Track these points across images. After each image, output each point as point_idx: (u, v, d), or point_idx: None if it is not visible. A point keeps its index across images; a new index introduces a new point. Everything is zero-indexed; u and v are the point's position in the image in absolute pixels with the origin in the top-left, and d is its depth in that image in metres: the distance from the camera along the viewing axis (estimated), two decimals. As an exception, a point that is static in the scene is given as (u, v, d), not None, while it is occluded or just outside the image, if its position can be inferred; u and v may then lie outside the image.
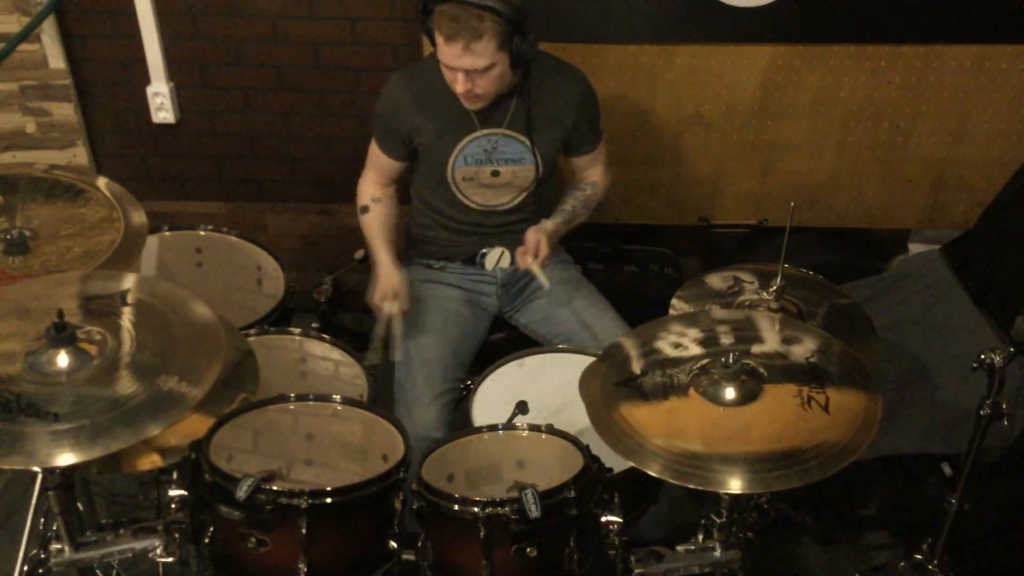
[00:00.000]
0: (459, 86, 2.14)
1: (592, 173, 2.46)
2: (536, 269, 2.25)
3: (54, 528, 1.75)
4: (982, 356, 1.88)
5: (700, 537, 1.81)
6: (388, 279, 2.27)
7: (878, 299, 2.70)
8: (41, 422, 1.51)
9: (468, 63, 2.08)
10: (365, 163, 2.43)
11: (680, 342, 1.86)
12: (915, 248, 3.17)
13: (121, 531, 1.76)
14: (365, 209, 2.40)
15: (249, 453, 1.87)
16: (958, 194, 2.98)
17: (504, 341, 2.47)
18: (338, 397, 1.92)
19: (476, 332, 2.43)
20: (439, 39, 2.08)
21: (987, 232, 2.84)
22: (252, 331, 2.20)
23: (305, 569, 1.66)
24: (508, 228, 2.41)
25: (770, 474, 1.59)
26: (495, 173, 2.31)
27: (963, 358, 2.07)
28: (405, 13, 2.84)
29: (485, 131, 2.27)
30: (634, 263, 3.06)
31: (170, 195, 3.17)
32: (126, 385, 1.59)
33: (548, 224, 2.32)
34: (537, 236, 2.25)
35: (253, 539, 1.66)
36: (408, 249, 2.53)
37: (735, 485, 1.59)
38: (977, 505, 2.11)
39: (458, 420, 2.21)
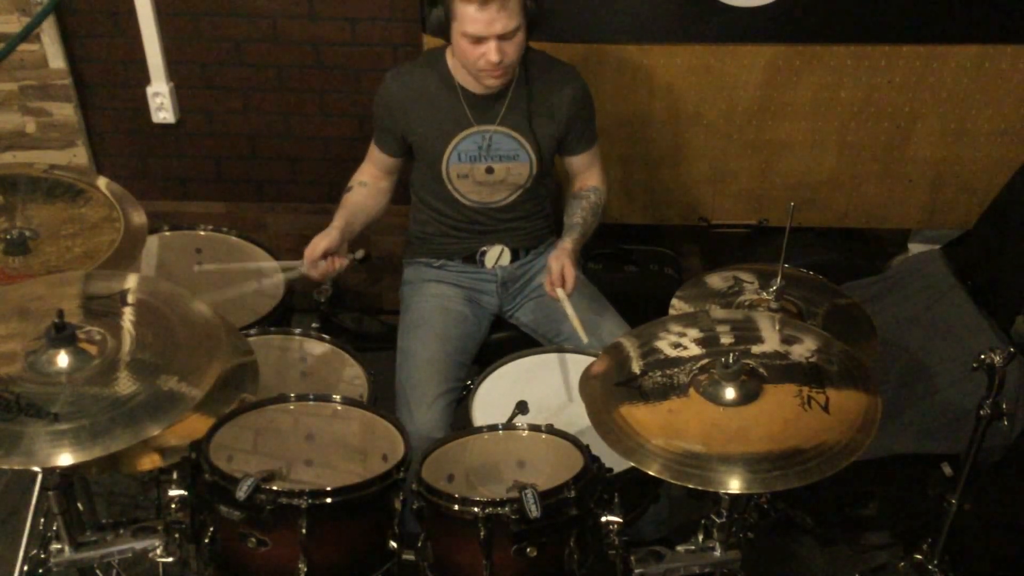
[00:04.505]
0: (492, 56, 2.08)
1: (590, 177, 2.45)
2: (569, 311, 2.16)
3: (54, 528, 1.75)
4: (982, 356, 1.87)
5: (700, 537, 1.81)
6: (322, 234, 2.20)
7: (878, 299, 2.70)
8: (41, 422, 1.51)
9: (502, 26, 2.05)
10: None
11: (680, 342, 1.86)
12: (915, 248, 3.18)
13: (121, 531, 1.76)
14: (348, 189, 2.39)
15: (249, 453, 1.87)
16: (958, 194, 2.98)
17: (504, 341, 2.47)
18: (338, 397, 1.92)
19: (476, 332, 2.43)
20: (467, 9, 2.03)
21: (987, 232, 2.84)
22: (252, 331, 2.20)
23: (305, 569, 1.66)
24: (505, 226, 2.41)
25: (770, 474, 1.59)
26: (489, 170, 2.31)
27: (963, 358, 2.07)
28: (405, 13, 2.84)
29: (479, 128, 2.27)
30: (634, 263, 3.06)
31: (170, 195, 3.18)
32: (126, 385, 1.59)
33: (567, 243, 2.27)
34: (560, 262, 2.20)
35: (253, 539, 1.66)
36: (408, 248, 2.53)
37: (735, 485, 1.59)
38: (977, 505, 2.11)
39: (458, 420, 2.21)
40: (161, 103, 2.97)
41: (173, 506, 1.72)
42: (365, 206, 2.37)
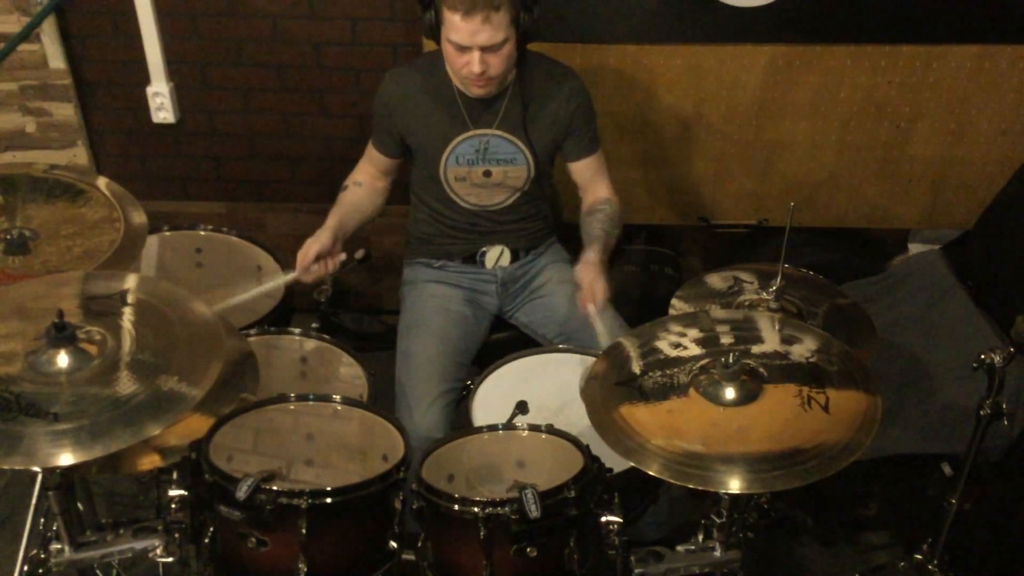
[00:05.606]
0: (475, 67, 2.09)
1: (598, 188, 2.41)
2: (595, 319, 2.13)
3: (54, 528, 1.75)
4: (982, 356, 1.88)
5: (700, 537, 1.81)
6: (313, 238, 2.19)
7: (878, 299, 2.70)
8: (41, 422, 1.51)
9: (485, 38, 2.04)
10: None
11: (680, 342, 1.86)
12: (915, 248, 3.18)
13: (121, 531, 1.76)
14: (344, 188, 2.39)
15: (249, 453, 1.87)
16: (958, 194, 2.98)
17: (504, 341, 2.47)
18: (338, 397, 1.92)
19: (476, 332, 2.43)
20: (452, 17, 2.03)
21: (987, 232, 2.84)
22: (252, 331, 2.20)
23: (305, 569, 1.66)
24: (505, 227, 2.41)
25: (770, 474, 1.59)
26: (487, 173, 2.31)
27: (963, 358, 2.07)
28: (405, 13, 2.84)
29: (477, 131, 2.26)
30: (634, 263, 3.06)
31: (170, 195, 3.18)
32: (126, 385, 1.60)
33: (591, 255, 2.22)
34: (590, 276, 2.17)
35: (253, 539, 1.66)
36: (408, 248, 2.53)
37: (735, 485, 1.59)
38: (977, 505, 2.11)
39: (458, 420, 2.21)
40: (161, 103, 2.97)
41: (173, 506, 1.72)
42: (360, 206, 2.36)
